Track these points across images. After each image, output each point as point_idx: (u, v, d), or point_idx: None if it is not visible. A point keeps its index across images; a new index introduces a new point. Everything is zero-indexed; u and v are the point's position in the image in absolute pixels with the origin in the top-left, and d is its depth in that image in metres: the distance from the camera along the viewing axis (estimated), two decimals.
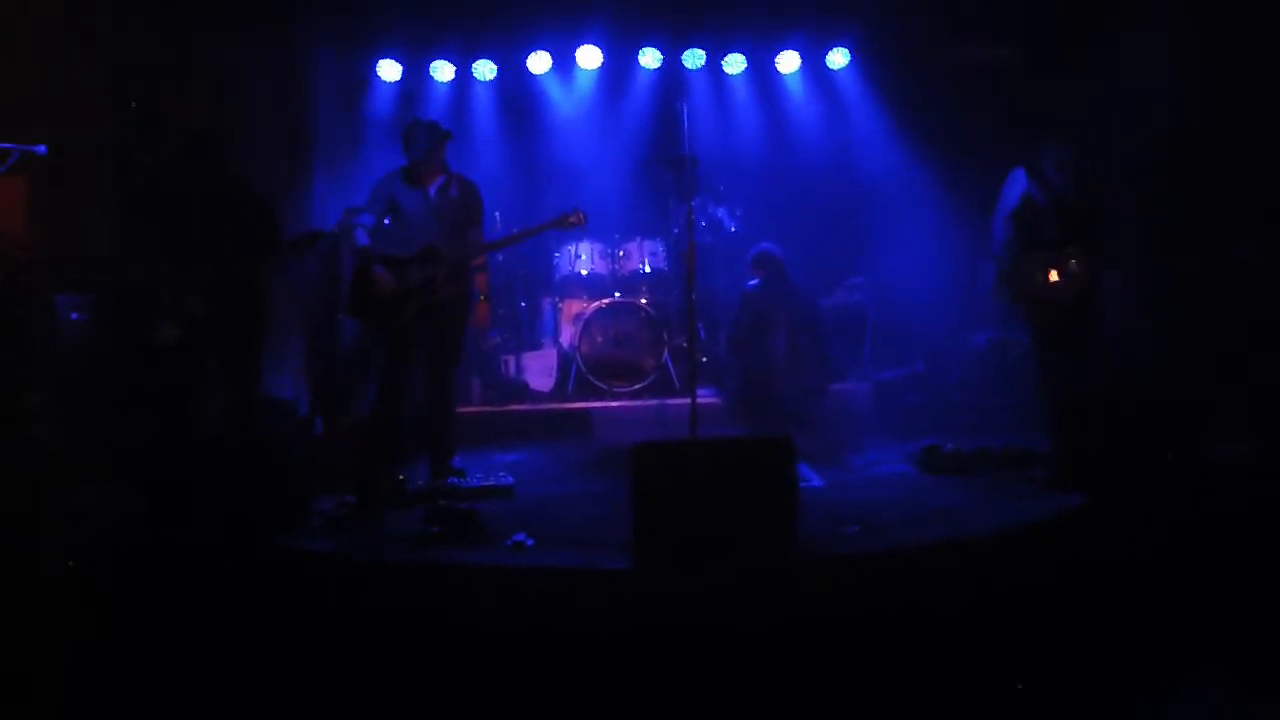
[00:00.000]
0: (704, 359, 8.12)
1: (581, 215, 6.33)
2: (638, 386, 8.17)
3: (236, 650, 3.88)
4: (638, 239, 8.79)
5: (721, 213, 8.89)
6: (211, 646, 3.89)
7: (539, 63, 9.32)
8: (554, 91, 9.54)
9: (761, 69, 9.65)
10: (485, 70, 9.37)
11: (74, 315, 5.95)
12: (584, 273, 8.77)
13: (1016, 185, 6.21)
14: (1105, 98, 7.50)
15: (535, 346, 8.80)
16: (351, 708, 3.70)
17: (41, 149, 5.31)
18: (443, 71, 9.31)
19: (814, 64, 9.57)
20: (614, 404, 8.05)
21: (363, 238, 6.11)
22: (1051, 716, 3.55)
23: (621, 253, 8.78)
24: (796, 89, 9.65)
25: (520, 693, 3.70)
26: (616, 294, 8.59)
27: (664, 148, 8.93)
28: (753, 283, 7.49)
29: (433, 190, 6.20)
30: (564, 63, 9.40)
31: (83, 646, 3.84)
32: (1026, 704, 3.58)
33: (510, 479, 6.03)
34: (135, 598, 4.12)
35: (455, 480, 6.02)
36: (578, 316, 8.46)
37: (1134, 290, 7.27)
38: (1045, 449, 5.83)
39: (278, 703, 3.71)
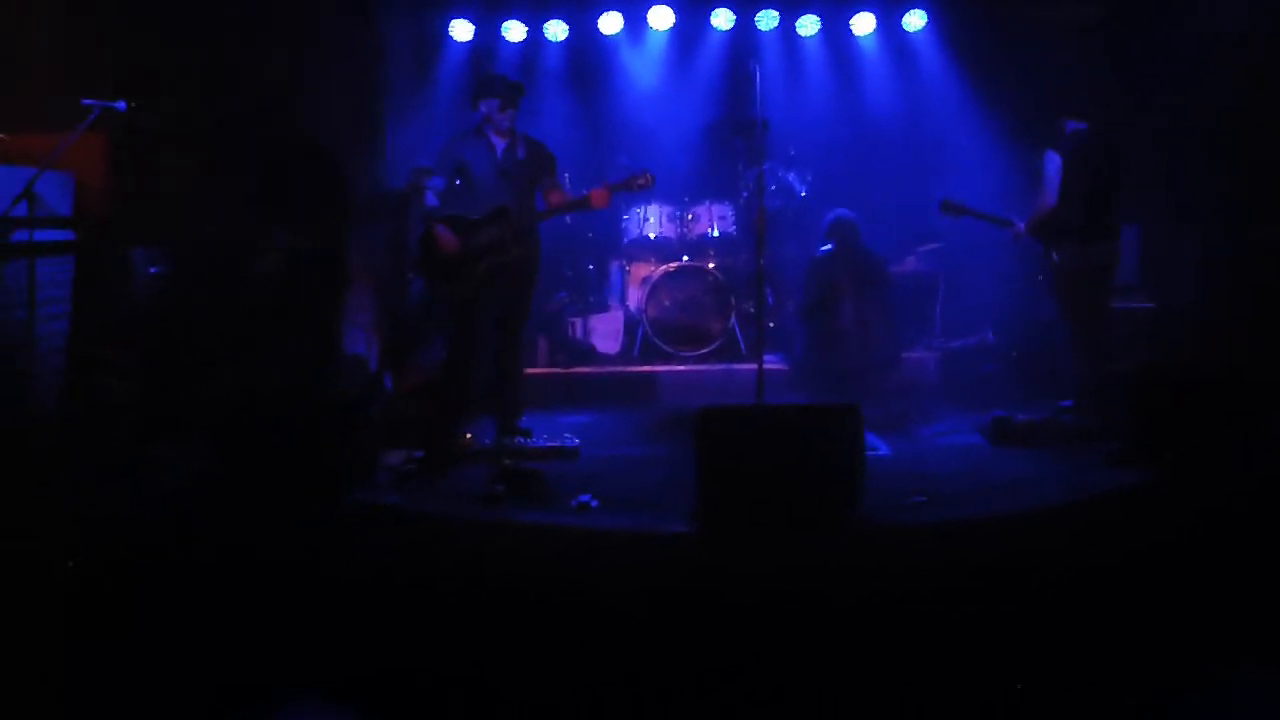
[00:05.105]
0: (771, 325, 8.08)
1: (650, 177, 6.27)
2: (704, 351, 8.15)
3: (299, 602, 3.94)
4: (706, 202, 8.73)
5: (792, 177, 8.80)
6: (276, 596, 3.95)
7: (610, 23, 9.24)
8: (625, 52, 9.46)
9: (835, 31, 9.46)
10: (557, 30, 9.32)
11: (151, 269, 6.04)
12: (652, 236, 8.73)
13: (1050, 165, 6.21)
14: (1186, 56, 7.26)
15: (602, 309, 8.80)
16: (415, 665, 3.75)
17: (121, 105, 5.36)
18: (514, 31, 9.27)
19: (890, 26, 9.36)
20: (680, 368, 8.04)
21: (431, 199, 6.20)
22: (1119, 692, 3.50)
23: (690, 216, 8.73)
24: (871, 51, 9.47)
25: (581, 651, 3.73)
26: (684, 258, 8.55)
27: (735, 110, 8.87)
28: (824, 249, 7.40)
29: (500, 150, 6.23)
30: (635, 23, 9.31)
31: (146, 600, 3.91)
32: (1098, 678, 3.53)
33: (576, 440, 6.06)
34: (202, 551, 4.19)
35: (521, 440, 6.07)
36: (645, 280, 8.45)
37: (1208, 258, 7.08)
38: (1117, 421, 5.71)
39: (334, 657, 3.76)
